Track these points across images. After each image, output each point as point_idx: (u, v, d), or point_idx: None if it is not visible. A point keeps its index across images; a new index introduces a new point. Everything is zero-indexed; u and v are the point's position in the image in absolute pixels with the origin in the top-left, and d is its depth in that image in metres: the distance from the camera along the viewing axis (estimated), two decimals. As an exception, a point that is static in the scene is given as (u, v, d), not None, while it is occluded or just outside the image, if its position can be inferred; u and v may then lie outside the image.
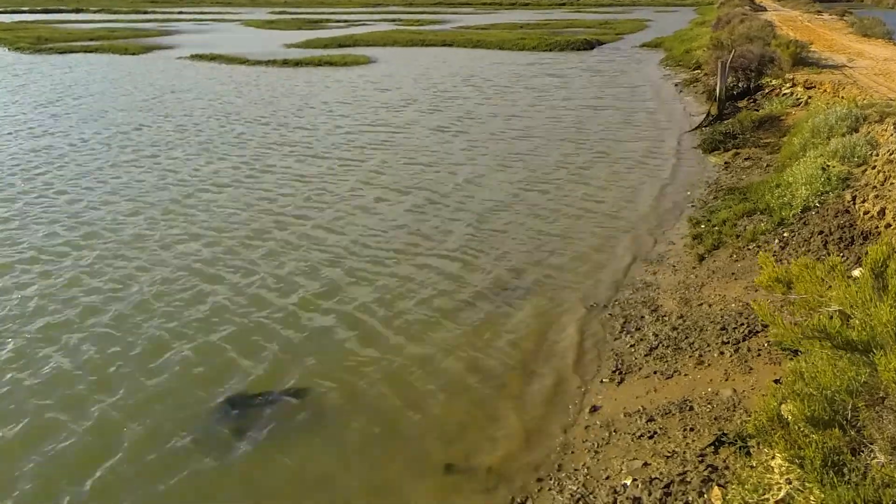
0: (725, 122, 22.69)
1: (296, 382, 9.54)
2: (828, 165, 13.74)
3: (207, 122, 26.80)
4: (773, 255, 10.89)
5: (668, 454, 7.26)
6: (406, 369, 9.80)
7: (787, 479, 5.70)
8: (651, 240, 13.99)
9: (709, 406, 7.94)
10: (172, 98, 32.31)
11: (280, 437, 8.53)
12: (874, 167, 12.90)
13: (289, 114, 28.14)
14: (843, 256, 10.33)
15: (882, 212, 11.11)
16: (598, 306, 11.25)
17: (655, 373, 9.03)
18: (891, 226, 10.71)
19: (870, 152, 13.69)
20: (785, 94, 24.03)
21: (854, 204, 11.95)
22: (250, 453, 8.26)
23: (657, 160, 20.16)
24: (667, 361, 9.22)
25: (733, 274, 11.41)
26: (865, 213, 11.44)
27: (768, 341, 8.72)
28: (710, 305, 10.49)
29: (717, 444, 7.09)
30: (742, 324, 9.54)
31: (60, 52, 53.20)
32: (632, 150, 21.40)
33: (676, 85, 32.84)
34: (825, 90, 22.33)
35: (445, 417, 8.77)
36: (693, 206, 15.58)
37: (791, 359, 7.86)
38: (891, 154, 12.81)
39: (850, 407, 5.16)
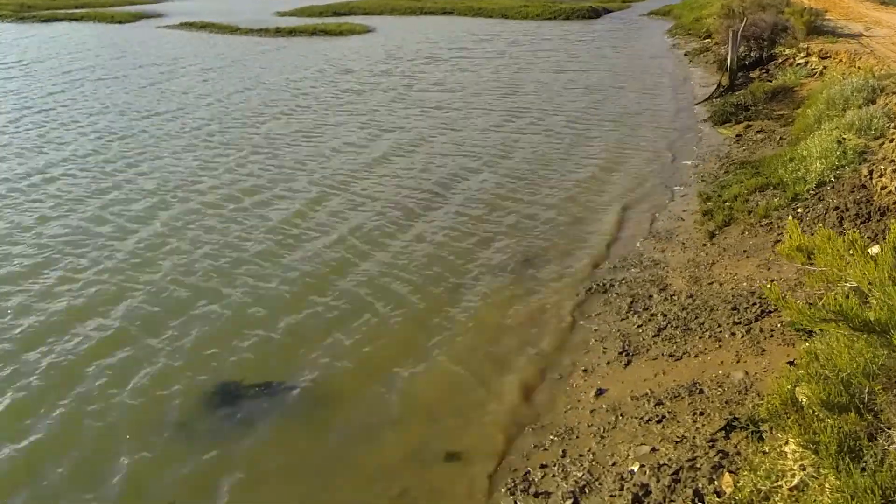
0: (737, 93, 22.51)
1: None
2: (843, 138, 13.63)
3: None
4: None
5: (678, 439, 7.24)
6: (401, 349, 9.84)
7: (801, 466, 5.67)
8: (660, 216, 13.92)
9: (720, 389, 7.92)
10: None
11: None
12: (892, 140, 12.80)
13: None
14: (859, 233, 10.25)
15: (900, 186, 11.03)
16: (602, 286, 11.21)
17: (664, 354, 9.00)
18: (910, 201, 10.65)
19: (887, 125, 13.59)
20: (799, 64, 23.83)
21: (871, 179, 11.88)
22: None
23: (662, 132, 20.02)
24: (676, 343, 9.19)
25: (745, 251, 11.35)
26: (883, 188, 11.36)
27: (782, 322, 8.70)
28: (720, 284, 10.45)
29: (728, 428, 7.06)
30: (754, 303, 9.50)
31: (44, 21, 52.82)
32: (636, 123, 21.26)
33: (686, 55, 32.59)
34: (841, 60, 22.13)
35: (439, 402, 8.81)
36: (703, 180, 15.48)
37: (805, 340, 7.83)
38: (910, 126, 12.72)
39: (866, 390, 5.12)
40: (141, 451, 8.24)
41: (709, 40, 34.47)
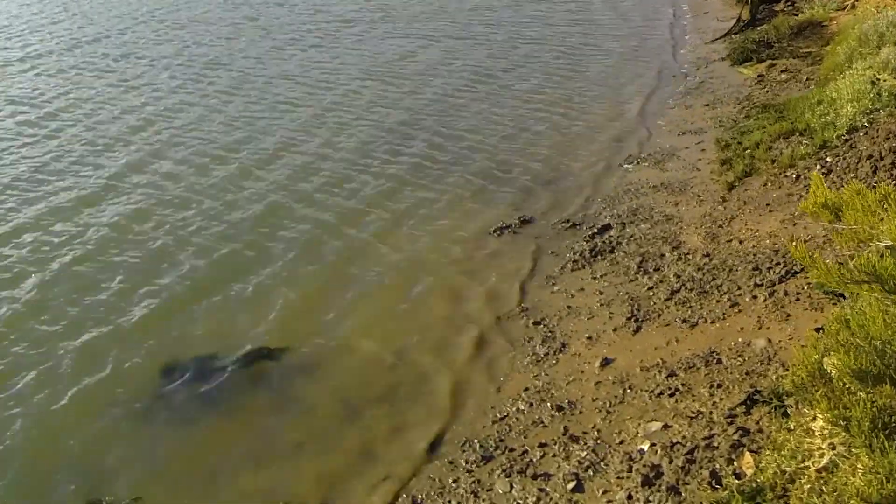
0: (759, 28, 22.26)
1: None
2: (878, 79, 13.47)
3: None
4: (815, 184, 10.73)
5: (692, 415, 7.21)
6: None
7: (829, 444, 5.61)
8: (670, 163, 13.84)
9: (739, 359, 7.88)
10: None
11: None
12: (933, 80, 12.67)
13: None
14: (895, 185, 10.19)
15: (942, 132, 10.93)
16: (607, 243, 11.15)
17: (677, 320, 8.96)
18: (952, 148, 10.54)
19: (927, 63, 13.44)
20: (828, -6, 23.57)
21: (909, 123, 11.76)
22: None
23: (674, 73, 19.84)
24: (690, 307, 9.14)
25: (768, 205, 11.27)
26: (922, 133, 11.26)
27: (809, 284, 8.64)
28: (740, 242, 10.39)
29: (748, 402, 7.03)
30: (778, 263, 9.45)
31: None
32: (642, 61, 21.07)
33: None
34: (875, -10, 21.89)
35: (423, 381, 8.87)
36: (721, 125, 15.35)
37: (835, 304, 7.80)
38: (953, 64, 12.58)
39: (904, 360, 5.07)
40: (88, 433, 8.25)
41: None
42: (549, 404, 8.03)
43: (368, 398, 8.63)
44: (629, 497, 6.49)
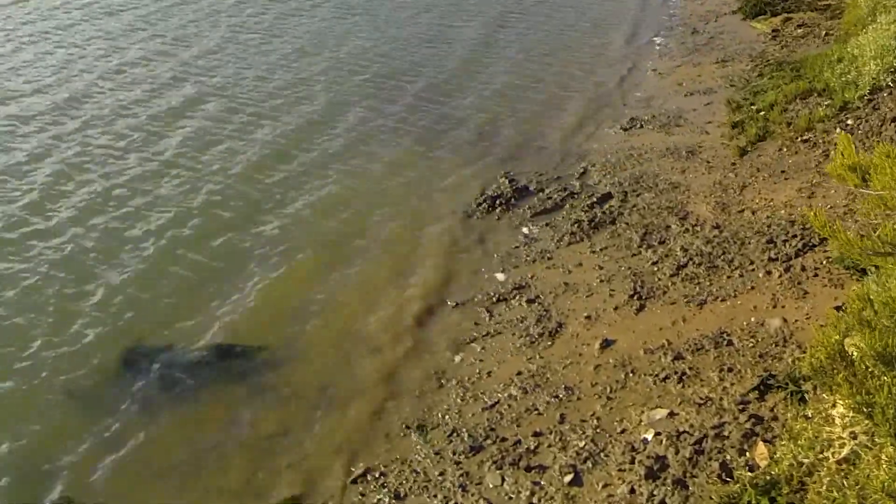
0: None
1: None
2: (904, 34, 13.45)
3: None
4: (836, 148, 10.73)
5: (701, 401, 7.18)
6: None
7: (851, 433, 5.60)
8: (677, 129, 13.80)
9: (752, 340, 7.85)
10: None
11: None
12: (964, 35, 12.63)
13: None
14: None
15: (973, 92, 10.90)
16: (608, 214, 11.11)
17: (684, 298, 8.92)
18: (984, 110, 10.52)
19: (958, 16, 13.41)
20: (849, -59, 23.49)
21: (937, 82, 11.74)
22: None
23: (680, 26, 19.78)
24: (699, 283, 9.10)
25: (783, 172, 11.24)
26: (952, 93, 11.23)
27: (828, 257, 8.62)
28: (753, 212, 10.36)
29: (762, 388, 7.01)
30: (795, 235, 9.43)
31: None
32: (649, 10, 21.00)
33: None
34: (901, -63, 21.80)
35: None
36: (732, 84, 15.31)
37: (857, 280, 7.78)
38: None
39: (934, 341, 5.04)
40: (33, 425, 8.21)
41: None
42: (544, 390, 7.98)
43: (347, 385, 8.59)
44: (632, 491, 6.45)
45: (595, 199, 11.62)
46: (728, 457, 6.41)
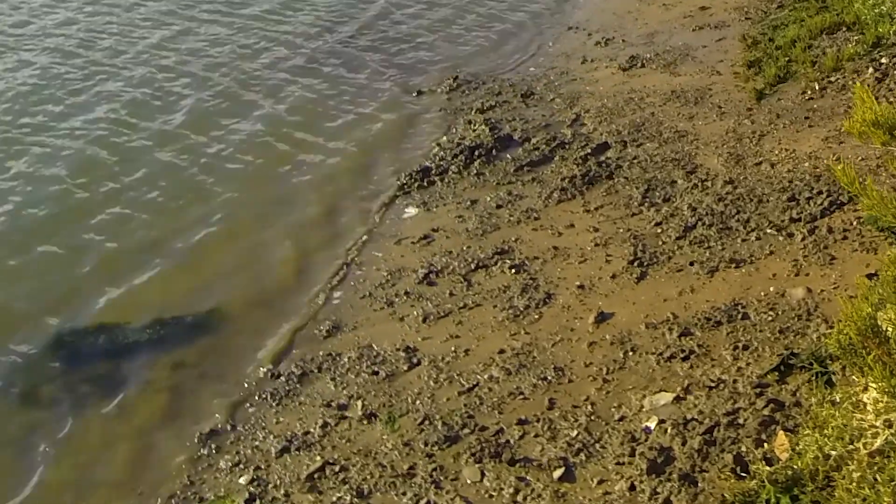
0: None
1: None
2: (948, -43, 13.44)
3: None
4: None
5: (712, 384, 7.18)
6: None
7: (885, 421, 5.63)
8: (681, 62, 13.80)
9: (771, 313, 7.85)
10: None
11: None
12: None
13: None
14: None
15: None
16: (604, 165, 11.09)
17: (693, 264, 8.93)
18: None
19: None
20: None
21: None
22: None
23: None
24: (709, 248, 9.11)
25: (807, 118, 11.25)
26: None
27: (859, 218, 8.64)
28: (772, 165, 10.36)
29: (782, 368, 7.01)
30: (820, 192, 9.43)
31: None
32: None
33: None
34: None
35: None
36: (748, 17, 15.29)
37: (892, 244, 7.80)
38: None
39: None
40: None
41: None
42: (530, 371, 7.96)
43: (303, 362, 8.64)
44: (631, 488, 6.43)
45: (589, 151, 11.58)
46: (743, 448, 6.40)
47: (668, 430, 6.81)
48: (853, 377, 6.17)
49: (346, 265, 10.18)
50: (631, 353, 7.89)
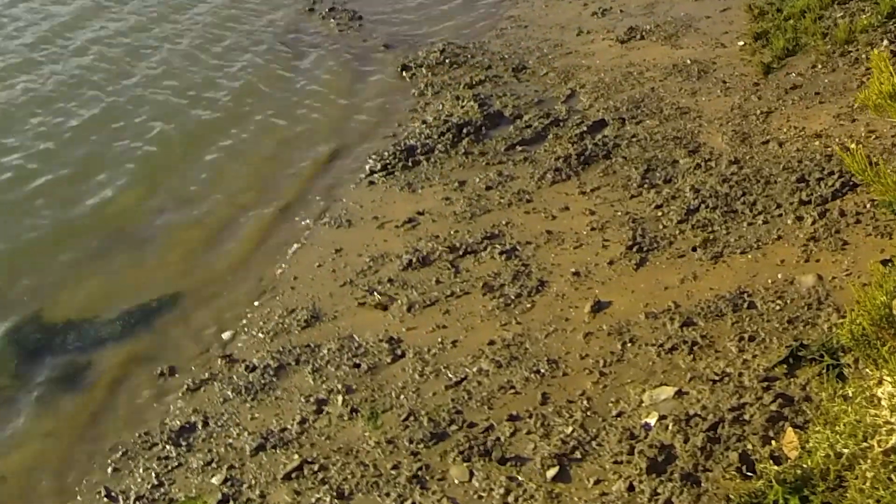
0: None
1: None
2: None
3: None
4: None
5: (716, 377, 7.18)
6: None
7: (901, 417, 5.63)
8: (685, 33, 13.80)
9: (779, 302, 7.86)
10: None
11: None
12: None
13: None
14: None
15: None
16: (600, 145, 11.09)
17: (695, 250, 8.92)
18: None
19: None
20: None
21: None
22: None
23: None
24: (713, 232, 9.11)
25: (818, 94, 11.25)
26: None
27: (873, 200, 8.62)
28: (781, 144, 10.35)
29: (791, 361, 7.01)
30: (831, 173, 9.43)
31: None
32: None
33: None
34: None
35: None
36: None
37: (908, 228, 7.83)
38: None
39: None
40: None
41: None
42: (522, 363, 7.97)
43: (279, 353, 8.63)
44: (630, 488, 6.44)
45: (585, 128, 11.62)
46: (749, 446, 6.41)
47: (670, 427, 6.81)
48: (866, 370, 6.18)
49: (333, 252, 10.18)
50: (629, 345, 7.90)
